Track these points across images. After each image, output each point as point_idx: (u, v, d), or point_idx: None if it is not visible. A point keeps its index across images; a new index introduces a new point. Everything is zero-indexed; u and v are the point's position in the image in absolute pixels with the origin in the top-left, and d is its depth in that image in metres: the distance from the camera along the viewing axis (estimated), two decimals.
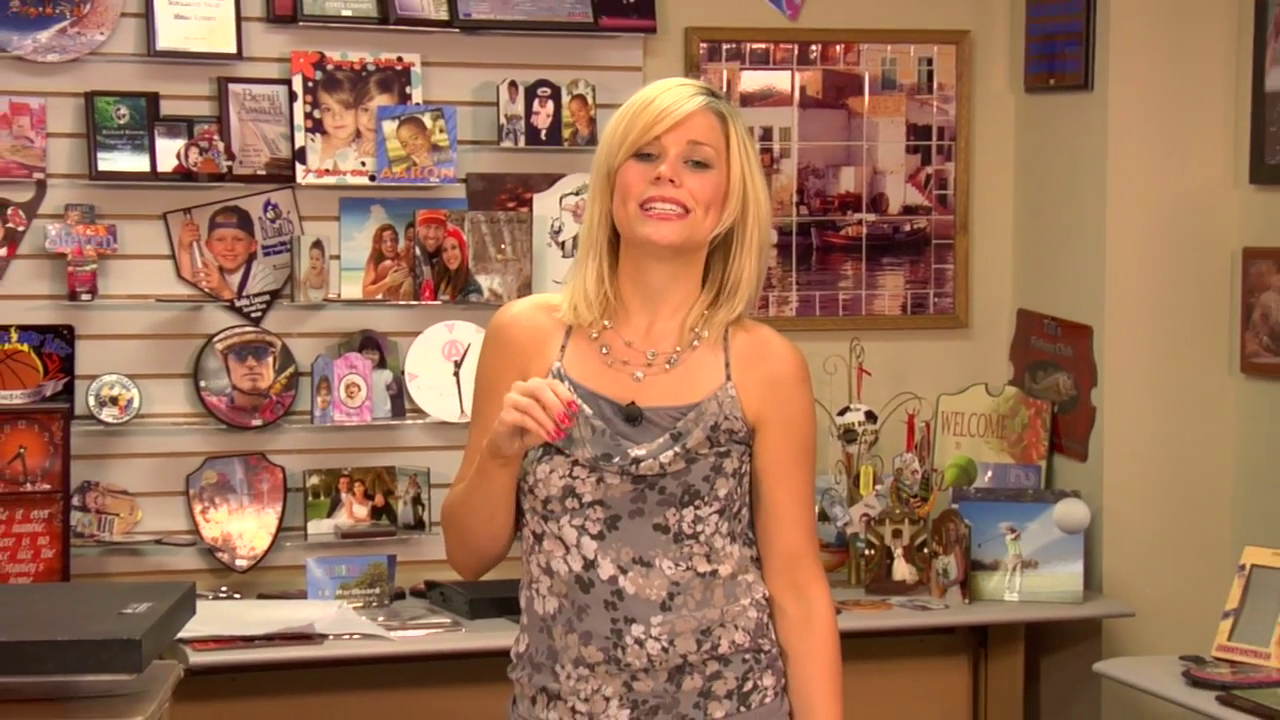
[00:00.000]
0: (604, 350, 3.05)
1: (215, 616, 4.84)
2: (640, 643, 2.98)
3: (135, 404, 5.18)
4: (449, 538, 3.12)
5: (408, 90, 5.36)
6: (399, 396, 5.35)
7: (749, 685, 3.05)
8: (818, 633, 3.09)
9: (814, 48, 5.72)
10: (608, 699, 3.00)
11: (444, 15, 5.35)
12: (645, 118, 2.98)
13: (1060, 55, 5.63)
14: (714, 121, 3.00)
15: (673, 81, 3.06)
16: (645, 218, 2.96)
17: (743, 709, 3.04)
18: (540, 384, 2.85)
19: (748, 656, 3.04)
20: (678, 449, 2.98)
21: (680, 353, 3.05)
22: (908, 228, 5.84)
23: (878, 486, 5.47)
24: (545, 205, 5.47)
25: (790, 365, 3.08)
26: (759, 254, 3.06)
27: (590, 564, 2.99)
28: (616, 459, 2.97)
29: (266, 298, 5.32)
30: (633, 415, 3.00)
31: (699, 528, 3.01)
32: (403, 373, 5.36)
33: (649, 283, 3.04)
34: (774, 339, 3.09)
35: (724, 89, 5.40)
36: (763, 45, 5.69)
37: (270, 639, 4.81)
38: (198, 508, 5.26)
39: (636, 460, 2.97)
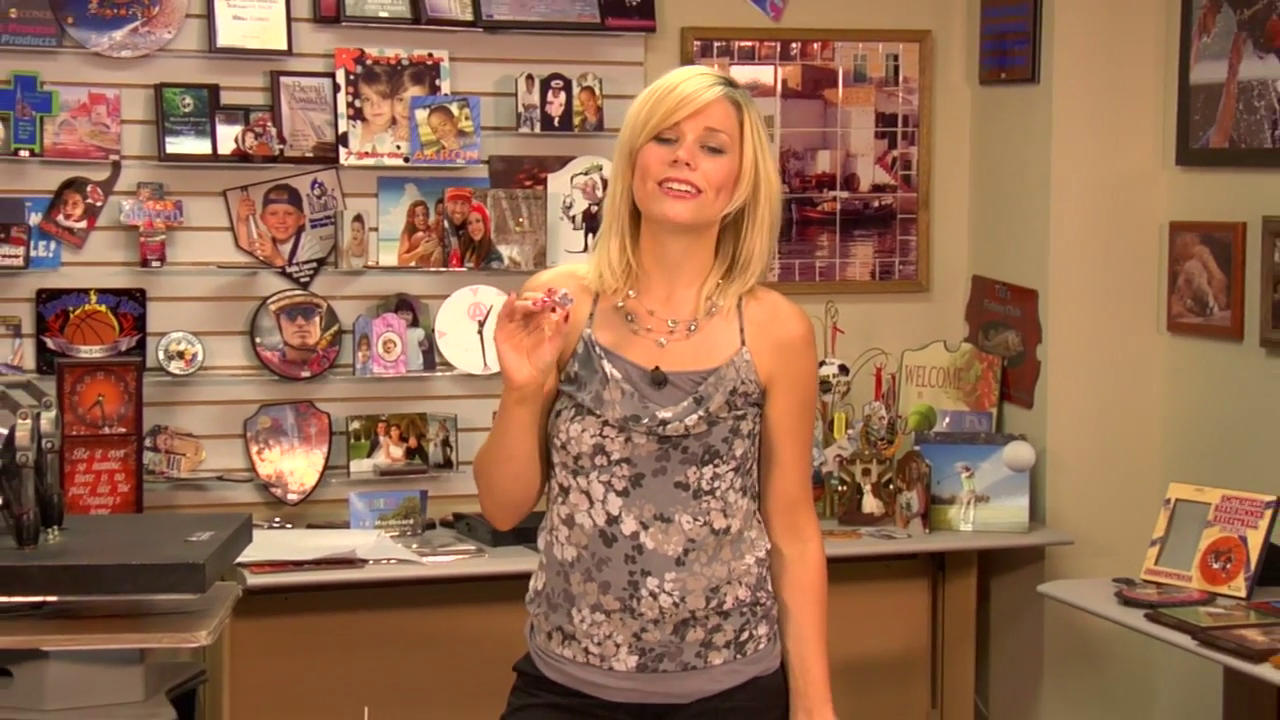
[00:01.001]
0: (629, 319, 2.98)
1: (269, 544, 4.86)
2: (654, 595, 2.93)
3: (199, 358, 5.19)
4: (480, 490, 3.03)
5: (437, 82, 5.36)
6: (430, 352, 5.35)
7: (745, 635, 3.01)
8: (810, 571, 3.07)
9: (794, 45, 5.72)
10: (619, 645, 2.95)
11: (469, 16, 5.34)
12: (667, 104, 2.90)
13: (1010, 52, 5.62)
14: (730, 110, 2.92)
15: (693, 70, 2.97)
16: (662, 196, 2.89)
17: (739, 657, 3.00)
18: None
19: (746, 610, 3.00)
20: (701, 412, 2.92)
21: (699, 320, 2.98)
22: (876, 204, 5.84)
23: (850, 431, 5.48)
24: (558, 184, 5.47)
25: (799, 330, 3.02)
26: (769, 231, 2.99)
27: (614, 519, 2.93)
28: (645, 420, 2.91)
29: (314, 265, 5.32)
30: (658, 380, 2.94)
31: (716, 484, 2.95)
32: (433, 331, 5.36)
33: (666, 255, 2.97)
34: (784, 305, 3.03)
35: None
36: (749, 43, 5.68)
37: (317, 563, 4.83)
38: (254, 448, 5.27)
39: (664, 422, 2.91)
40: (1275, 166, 4.98)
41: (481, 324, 5.35)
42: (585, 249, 5.41)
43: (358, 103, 5.30)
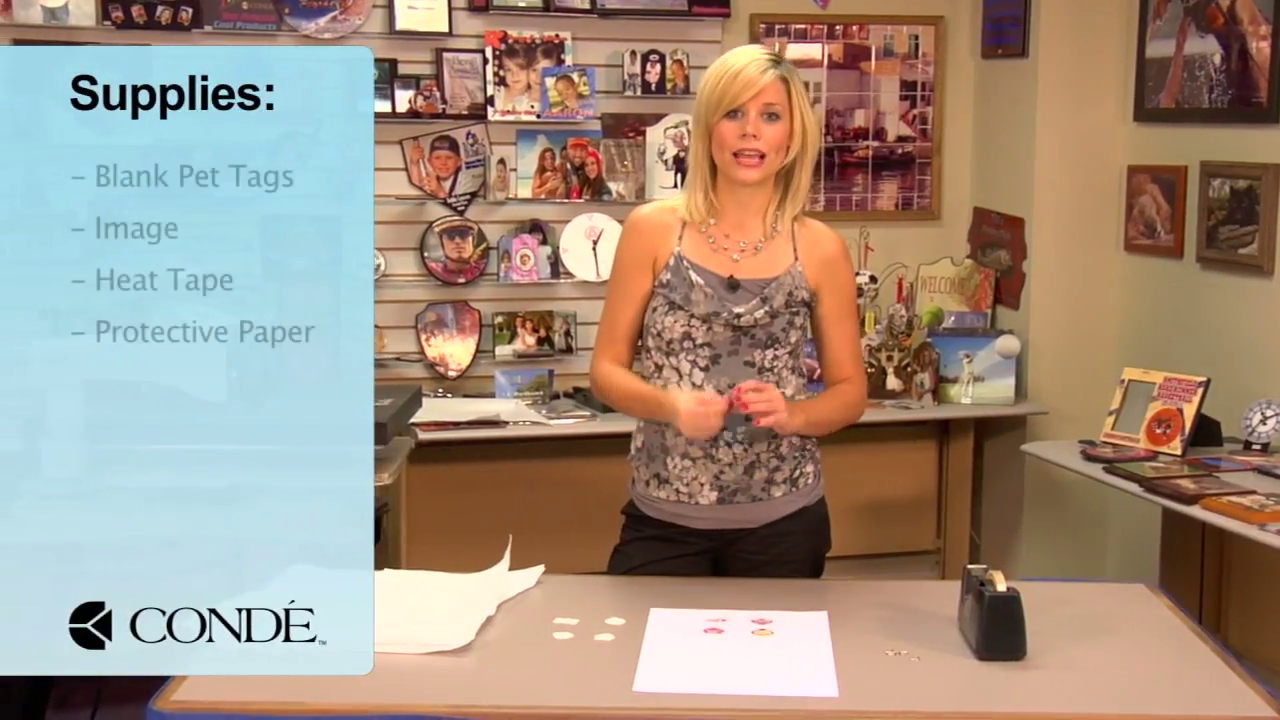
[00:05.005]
0: (710, 240, 3.00)
1: (435, 408, 4.92)
2: (729, 444, 2.97)
3: (383, 267, 5.24)
4: (604, 399, 3.07)
5: (562, 56, 5.35)
6: (556, 263, 5.37)
7: (798, 473, 3.04)
8: (844, 389, 3.05)
9: (837, 27, 5.66)
10: (702, 484, 2.99)
11: (587, 5, 5.33)
12: (734, 89, 2.90)
13: (1006, 34, 5.56)
14: (780, 85, 2.92)
15: (748, 55, 2.94)
16: (737, 164, 2.92)
17: (793, 490, 3.04)
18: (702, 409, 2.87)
19: (797, 454, 3.03)
20: (767, 309, 2.95)
21: (763, 242, 3.00)
22: (900, 151, 5.80)
23: (878, 326, 5.48)
24: (654, 135, 5.46)
25: (837, 248, 3.04)
26: (810, 168, 3.00)
27: (697, 389, 2.95)
28: (723, 315, 2.95)
29: (468, 197, 5.35)
30: (733, 285, 2.96)
31: (774, 364, 2.98)
32: (558, 247, 5.39)
33: (739, 196, 2.99)
34: (825, 230, 3.05)
35: None
36: (802, 25, 5.64)
37: (471, 424, 4.88)
38: (423, 336, 5.32)
39: (738, 315, 2.94)
40: (1211, 123, 4.92)
41: (595, 243, 5.38)
42: (675, 185, 5.41)
43: (502, 72, 5.30)
